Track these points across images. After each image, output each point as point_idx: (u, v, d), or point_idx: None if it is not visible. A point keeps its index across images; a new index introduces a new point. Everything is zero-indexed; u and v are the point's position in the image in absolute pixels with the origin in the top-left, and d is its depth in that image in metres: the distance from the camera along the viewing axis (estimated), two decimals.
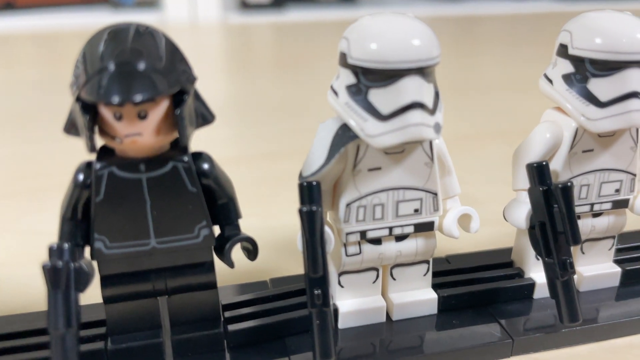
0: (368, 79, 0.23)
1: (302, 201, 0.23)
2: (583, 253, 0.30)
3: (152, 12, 1.26)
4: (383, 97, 0.23)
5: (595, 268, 0.30)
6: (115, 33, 0.21)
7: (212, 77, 0.85)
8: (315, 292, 0.23)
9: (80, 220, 0.23)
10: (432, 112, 0.23)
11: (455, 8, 1.46)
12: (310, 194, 0.23)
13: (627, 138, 0.27)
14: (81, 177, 0.22)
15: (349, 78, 0.23)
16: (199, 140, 0.26)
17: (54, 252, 0.21)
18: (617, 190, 0.28)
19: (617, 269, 0.30)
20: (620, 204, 0.28)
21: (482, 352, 0.26)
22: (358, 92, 0.23)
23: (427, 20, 0.23)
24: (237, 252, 0.25)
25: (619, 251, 0.32)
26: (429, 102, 0.23)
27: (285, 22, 1.30)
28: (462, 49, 1.06)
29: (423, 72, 0.23)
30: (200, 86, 0.23)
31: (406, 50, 0.22)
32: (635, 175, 0.28)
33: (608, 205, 0.28)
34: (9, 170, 0.51)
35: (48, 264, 0.20)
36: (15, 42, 1.12)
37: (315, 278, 0.23)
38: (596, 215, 0.29)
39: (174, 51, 0.22)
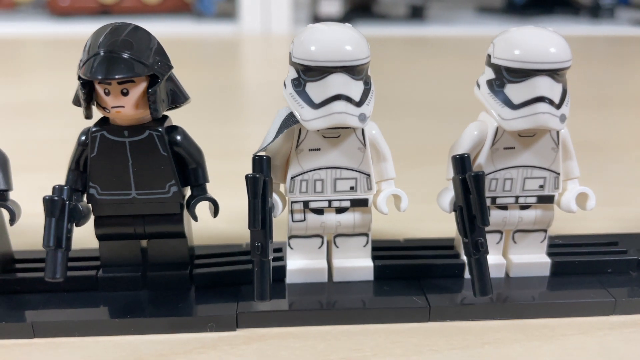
0: (306, 74, 0.28)
1: (253, 170, 0.29)
2: (515, 242, 0.33)
3: (230, 23, 1.37)
4: (316, 90, 0.28)
5: (526, 257, 0.33)
6: (116, 28, 0.28)
7: (280, 83, 0.92)
8: (256, 244, 0.29)
9: (81, 172, 0.30)
10: (358, 104, 0.28)
11: None
12: (260, 165, 0.29)
13: (547, 139, 0.31)
14: (82, 137, 0.29)
15: (293, 73, 0.29)
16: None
17: (55, 190, 0.28)
18: (542, 186, 0.31)
19: (547, 260, 0.33)
20: (546, 200, 0.32)
21: (402, 315, 0.31)
22: (299, 85, 0.29)
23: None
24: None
25: (556, 246, 0.35)
26: (355, 95, 0.28)
27: None
28: None
29: (352, 70, 0.28)
30: (267, 90, 0.28)
31: (333, 52, 0.27)
32: (558, 173, 0.31)
33: (533, 200, 0.32)
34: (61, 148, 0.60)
35: (47, 196, 0.27)
36: None
37: (257, 232, 0.29)
38: (523, 207, 0.32)
39: (158, 48, 0.28)
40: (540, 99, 0.28)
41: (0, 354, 0.28)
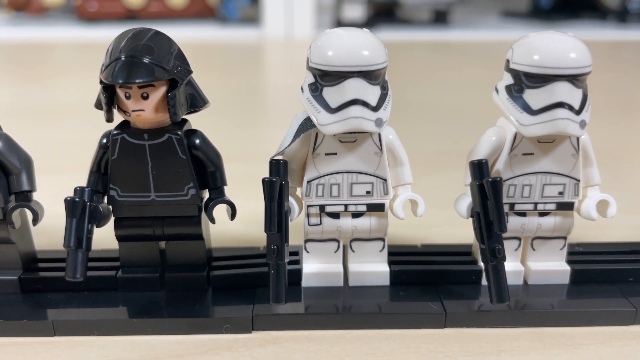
0: (322, 79, 0.28)
1: (270, 174, 0.29)
2: (534, 249, 0.33)
3: (254, 28, 1.38)
4: (332, 94, 0.28)
5: (544, 264, 0.33)
6: (137, 33, 0.29)
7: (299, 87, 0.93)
8: (272, 247, 0.29)
9: (102, 174, 0.30)
10: (375, 109, 0.28)
11: None
12: (276, 169, 0.29)
13: (567, 145, 0.30)
14: (104, 140, 0.30)
15: (310, 78, 0.29)
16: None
17: (77, 192, 0.29)
18: (561, 193, 0.31)
19: (566, 267, 0.33)
20: (565, 206, 0.31)
21: (418, 320, 0.30)
22: (316, 89, 0.29)
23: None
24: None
25: (576, 254, 0.34)
26: (372, 100, 0.28)
27: None
28: None
29: (368, 75, 0.28)
30: (289, 95, 0.29)
31: (350, 57, 0.28)
32: (579, 180, 0.31)
33: (552, 206, 0.31)
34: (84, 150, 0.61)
35: (68, 197, 0.28)
36: None
37: (273, 235, 0.29)
38: (542, 214, 0.32)
39: (178, 53, 0.29)
40: (559, 105, 0.28)
41: (21, 351, 0.29)
